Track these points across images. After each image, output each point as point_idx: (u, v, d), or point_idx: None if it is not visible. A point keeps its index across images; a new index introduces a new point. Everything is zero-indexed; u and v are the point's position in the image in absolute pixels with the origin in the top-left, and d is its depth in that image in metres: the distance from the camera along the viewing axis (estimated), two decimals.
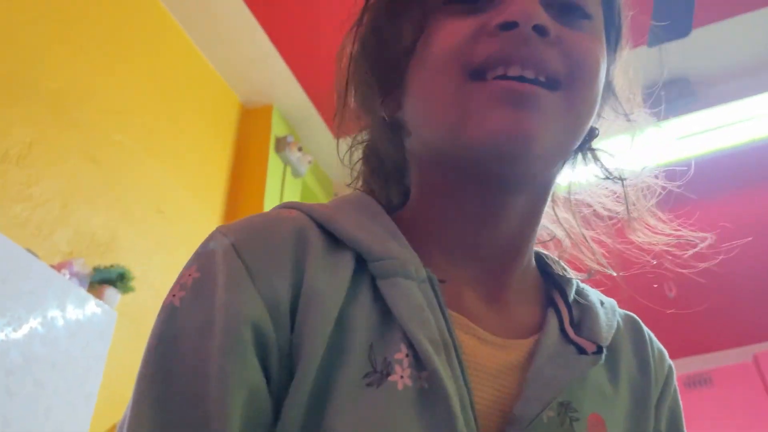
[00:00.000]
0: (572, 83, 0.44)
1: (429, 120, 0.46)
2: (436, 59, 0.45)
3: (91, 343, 1.61)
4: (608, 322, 0.48)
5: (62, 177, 1.91)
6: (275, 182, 2.98)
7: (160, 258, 2.25)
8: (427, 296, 0.42)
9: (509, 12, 0.42)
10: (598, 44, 0.47)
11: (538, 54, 0.42)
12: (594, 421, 0.43)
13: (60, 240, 1.83)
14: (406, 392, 0.38)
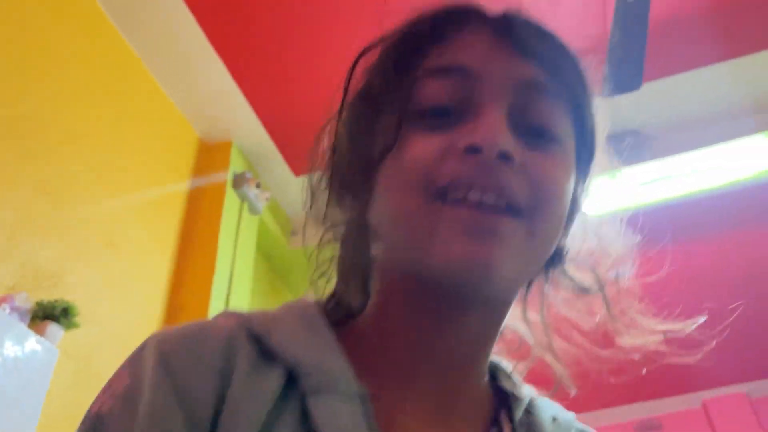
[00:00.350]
0: (535, 211, 0.44)
1: (394, 232, 0.47)
2: (403, 174, 0.45)
3: (30, 381, 1.54)
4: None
5: (11, 207, 1.85)
6: (231, 219, 2.94)
7: (110, 293, 2.19)
8: (355, 416, 0.41)
9: (476, 135, 0.43)
10: (565, 169, 0.47)
11: (500, 181, 0.43)
12: None
13: (3, 273, 1.76)
14: None
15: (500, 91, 0.46)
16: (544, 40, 0.48)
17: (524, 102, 0.46)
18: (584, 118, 0.50)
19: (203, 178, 3.00)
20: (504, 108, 0.45)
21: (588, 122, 0.50)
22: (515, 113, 0.46)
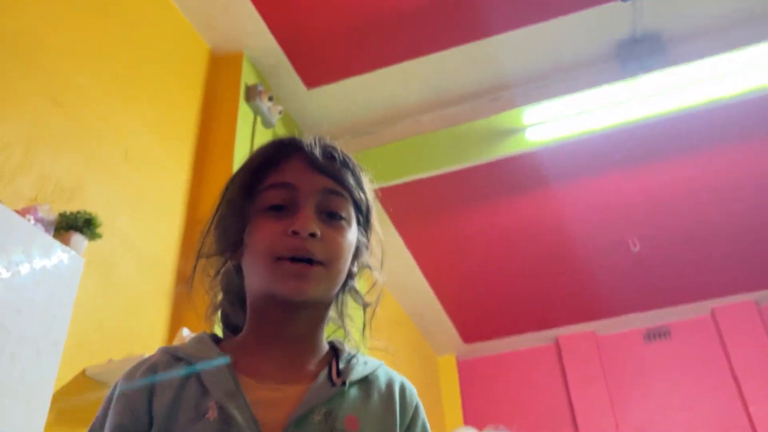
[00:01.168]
0: (329, 261, 0.79)
1: (255, 276, 0.81)
2: (259, 248, 0.80)
3: (57, 290, 1.59)
4: (360, 371, 0.82)
5: (24, 120, 1.85)
6: (245, 132, 2.93)
7: (128, 205, 2.21)
8: (223, 372, 0.76)
9: (296, 225, 0.77)
10: (346, 235, 0.82)
11: (309, 249, 0.77)
12: (349, 419, 0.75)
13: (23, 185, 1.78)
14: (214, 421, 0.71)
15: (310, 196, 0.80)
16: (333, 161, 0.84)
17: (324, 199, 0.81)
18: (358, 201, 0.86)
19: (215, 90, 2.96)
20: (313, 205, 0.80)
21: (361, 204, 0.86)
22: (320, 206, 0.81)
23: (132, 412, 0.75)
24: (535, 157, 3.61)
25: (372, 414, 0.78)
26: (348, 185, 0.84)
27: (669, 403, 5.06)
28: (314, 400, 0.75)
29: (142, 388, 0.76)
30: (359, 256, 0.88)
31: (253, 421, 0.71)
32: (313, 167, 0.82)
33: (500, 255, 4.53)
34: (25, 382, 1.43)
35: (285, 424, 0.72)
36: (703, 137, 3.62)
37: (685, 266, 4.70)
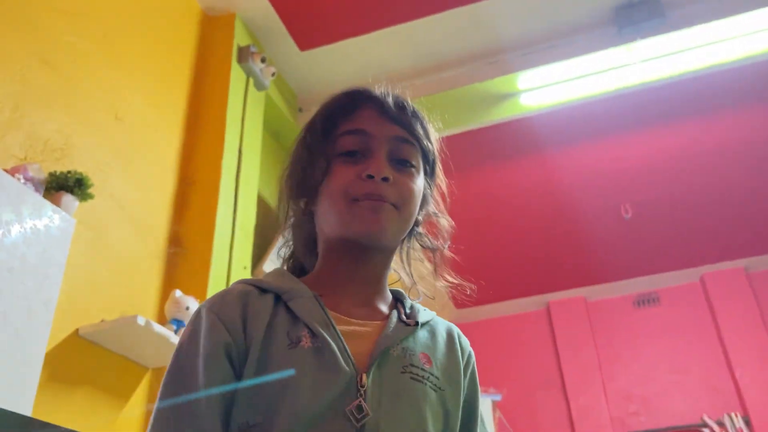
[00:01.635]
0: (401, 205, 0.84)
1: (332, 218, 0.85)
2: (334, 190, 0.83)
3: (48, 250, 1.58)
4: (425, 317, 0.87)
5: (12, 79, 1.82)
6: (238, 94, 2.90)
7: (119, 167, 2.20)
8: (313, 304, 0.80)
9: (370, 169, 0.82)
10: (416, 182, 0.87)
11: (383, 191, 0.82)
12: (423, 355, 0.81)
13: (12, 144, 1.76)
14: (309, 349, 0.75)
15: (383, 143, 0.85)
16: (404, 111, 0.88)
17: (396, 147, 0.86)
18: (426, 152, 0.90)
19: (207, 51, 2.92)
20: (385, 152, 0.85)
21: (429, 154, 0.91)
22: (391, 153, 0.85)
23: (231, 334, 0.76)
24: (530, 122, 3.60)
25: (440, 353, 0.84)
26: (417, 134, 0.88)
27: (657, 368, 5.14)
28: (393, 336, 0.79)
29: (236, 313, 0.78)
30: (426, 203, 0.93)
31: (345, 351, 0.75)
32: (386, 116, 0.87)
33: (493, 220, 4.54)
34: (18, 341, 1.44)
35: (371, 355, 0.76)
36: (698, 104, 3.61)
37: (675, 233, 4.73)
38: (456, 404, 0.82)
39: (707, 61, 3.12)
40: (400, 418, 0.74)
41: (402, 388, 0.76)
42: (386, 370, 0.76)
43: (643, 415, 5.04)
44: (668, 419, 4.95)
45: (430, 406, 0.77)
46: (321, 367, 0.73)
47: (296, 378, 0.72)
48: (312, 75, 3.46)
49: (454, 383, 0.83)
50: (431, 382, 0.79)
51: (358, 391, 0.73)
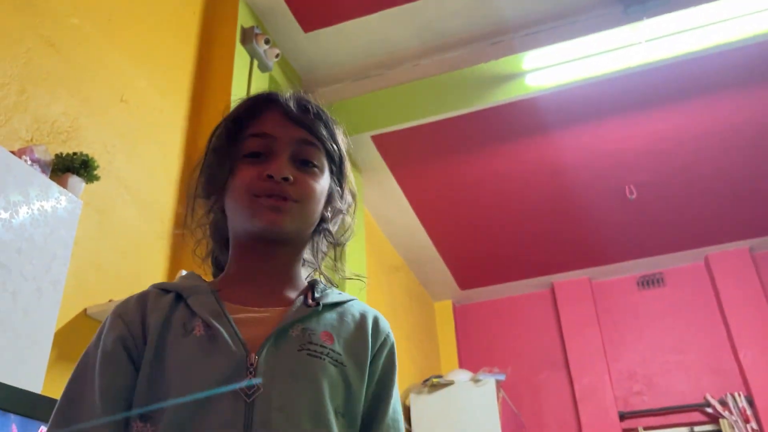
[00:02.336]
0: (302, 200, 0.88)
1: (237, 214, 0.90)
2: (239, 187, 0.88)
3: (56, 231, 1.60)
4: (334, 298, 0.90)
5: (17, 61, 1.83)
6: (242, 76, 2.90)
7: (125, 148, 2.21)
8: (209, 298, 0.85)
9: (271, 169, 0.86)
10: (319, 180, 0.91)
11: (284, 190, 0.86)
12: (324, 333, 0.84)
13: (18, 126, 1.78)
14: (201, 336, 0.80)
15: (286, 145, 0.89)
16: (308, 114, 0.92)
17: (299, 149, 0.90)
18: (331, 152, 0.94)
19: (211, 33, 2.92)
20: (288, 154, 0.89)
21: (334, 153, 0.94)
22: (295, 155, 0.89)
23: (128, 329, 0.83)
24: (535, 102, 3.59)
25: (345, 333, 0.87)
26: (321, 136, 0.92)
27: (660, 348, 5.17)
28: (291, 318, 0.84)
29: (136, 311, 0.85)
30: (332, 201, 0.96)
31: (236, 335, 0.80)
32: (289, 119, 0.91)
33: (497, 202, 4.55)
34: (27, 320, 1.46)
35: (265, 338, 0.80)
36: (703, 83, 3.59)
37: (680, 214, 4.72)
38: (359, 381, 0.85)
39: (713, 41, 3.10)
40: (295, 391, 0.78)
41: (297, 364, 0.80)
42: (283, 349, 0.80)
43: (646, 394, 5.08)
44: (671, 399, 4.98)
45: (328, 379, 0.81)
46: (211, 352, 0.78)
47: (187, 362, 0.78)
48: (316, 56, 3.46)
49: (359, 362, 0.86)
50: (331, 357, 0.82)
51: (247, 369, 0.77)
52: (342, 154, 0.97)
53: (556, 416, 5.21)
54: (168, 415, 0.76)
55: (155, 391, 0.78)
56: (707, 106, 3.75)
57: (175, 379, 0.77)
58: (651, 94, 3.65)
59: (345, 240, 1.00)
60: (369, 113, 3.56)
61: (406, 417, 4.26)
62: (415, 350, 5.00)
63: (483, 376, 4.30)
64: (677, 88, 3.60)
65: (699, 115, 3.81)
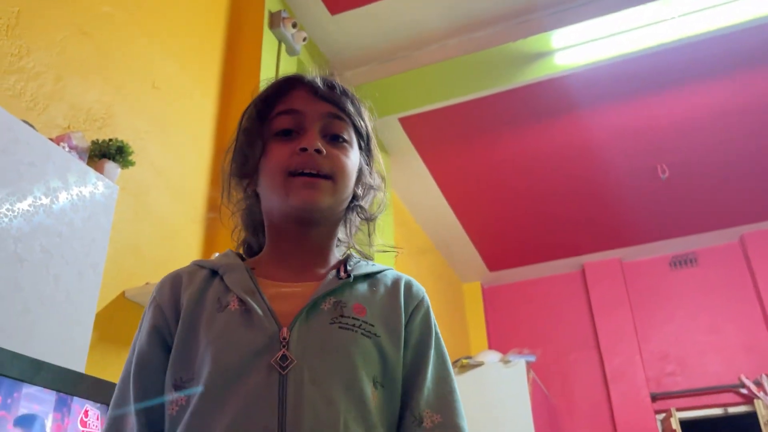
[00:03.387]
0: (335, 176, 0.88)
1: (271, 195, 0.91)
2: (272, 166, 0.89)
3: (94, 216, 1.64)
4: (366, 269, 0.91)
5: (53, 50, 1.87)
6: (270, 60, 2.92)
7: (157, 134, 2.25)
8: (244, 275, 0.87)
9: (303, 143, 0.87)
10: (350, 155, 0.92)
11: (317, 163, 0.87)
12: (356, 306, 0.85)
13: (56, 114, 1.82)
14: (236, 311, 0.82)
15: (314, 120, 0.90)
16: (334, 90, 0.93)
17: (327, 123, 0.91)
18: (359, 127, 0.95)
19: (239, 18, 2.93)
20: (318, 128, 0.90)
21: (362, 129, 0.96)
22: (324, 130, 0.91)
23: (163, 314, 0.86)
24: (564, 81, 3.55)
25: (378, 303, 0.88)
26: (348, 111, 0.94)
27: (693, 328, 5.11)
28: (323, 291, 0.84)
29: (170, 291, 0.88)
30: (362, 177, 0.97)
31: (269, 310, 0.82)
32: (316, 95, 0.92)
33: (526, 182, 4.52)
34: (69, 303, 1.51)
35: (297, 312, 0.82)
36: (737, 59, 3.51)
37: (714, 193, 4.64)
38: (395, 349, 0.85)
39: (747, 15, 3.03)
40: (327, 364, 0.79)
41: (329, 337, 0.81)
42: (314, 323, 0.82)
43: (679, 375, 5.03)
44: (705, 379, 4.94)
45: (361, 351, 0.81)
46: (245, 326, 0.80)
47: (222, 336, 0.80)
48: (343, 39, 3.46)
49: (393, 330, 0.86)
50: (363, 329, 0.83)
51: (280, 343, 0.79)
52: (369, 130, 0.98)
53: (586, 397, 5.20)
54: (202, 385, 0.78)
55: (189, 362, 0.81)
56: (741, 82, 3.67)
57: (209, 351, 0.79)
58: (683, 71, 3.58)
59: (377, 215, 1.01)
60: (396, 95, 3.55)
61: None
62: (444, 331, 4.99)
63: (513, 357, 4.30)
64: (710, 64, 3.52)
65: (733, 91, 3.73)
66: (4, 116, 1.43)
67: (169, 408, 0.80)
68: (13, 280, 1.36)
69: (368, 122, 0.98)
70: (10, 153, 1.42)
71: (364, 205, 0.98)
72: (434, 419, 0.83)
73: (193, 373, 0.80)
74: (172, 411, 0.79)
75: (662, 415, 4.92)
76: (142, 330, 0.87)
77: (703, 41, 3.21)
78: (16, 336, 1.34)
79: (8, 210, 1.38)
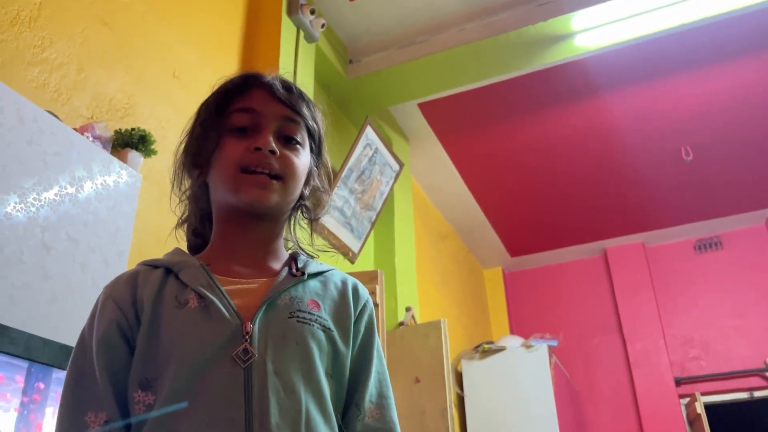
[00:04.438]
0: (285, 177, 0.92)
1: (222, 188, 0.93)
2: (226, 161, 0.92)
3: (118, 205, 1.67)
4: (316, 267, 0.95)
5: (75, 40, 1.89)
6: (289, 47, 2.92)
7: (179, 123, 2.25)
8: (200, 271, 0.88)
9: (258, 142, 0.91)
10: (301, 156, 0.95)
11: (270, 163, 0.91)
12: (311, 302, 0.89)
13: (79, 104, 1.84)
14: (196, 308, 0.83)
15: (270, 120, 0.94)
16: (292, 93, 0.97)
17: (282, 125, 0.95)
18: (311, 130, 0.99)
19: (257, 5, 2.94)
20: (273, 129, 0.93)
21: (314, 132, 1.00)
22: (278, 131, 0.94)
23: (120, 309, 0.86)
24: (585, 64, 3.51)
25: (330, 300, 0.93)
26: (303, 114, 0.97)
27: (718, 313, 5.06)
28: (280, 287, 0.88)
29: (126, 290, 0.88)
30: (311, 179, 1.01)
31: (230, 305, 0.85)
32: (274, 97, 0.95)
33: (547, 166, 4.49)
34: (96, 291, 1.53)
35: (257, 306, 0.85)
36: (761, 39, 3.44)
37: (739, 175, 4.57)
38: (345, 345, 0.90)
39: None
40: (288, 356, 0.82)
41: (289, 330, 0.84)
42: (273, 317, 0.84)
43: (703, 359, 5.00)
44: (730, 364, 4.89)
45: (317, 344, 0.86)
46: (207, 321, 0.82)
47: (184, 332, 0.82)
48: (361, 25, 3.44)
49: (344, 327, 0.91)
50: (319, 323, 0.87)
51: (243, 337, 0.81)
52: (321, 133, 1.02)
53: (609, 382, 5.18)
54: (168, 382, 0.79)
55: (153, 361, 0.82)
56: (766, 61, 3.60)
57: (172, 348, 0.81)
58: (707, 51, 3.52)
59: (321, 215, 1.05)
60: (415, 81, 3.53)
61: (458, 382, 4.30)
62: (465, 317, 5.02)
63: (535, 342, 4.30)
64: (735, 43, 3.46)
65: (758, 71, 3.66)
66: (30, 107, 1.45)
67: (136, 408, 0.80)
68: (41, 268, 1.39)
69: (321, 125, 1.02)
70: (36, 143, 1.44)
71: (309, 206, 1.01)
72: (374, 414, 0.90)
73: (158, 372, 0.81)
74: (139, 411, 0.80)
75: (686, 400, 4.89)
76: (99, 326, 0.85)
77: (726, 20, 3.15)
78: (46, 323, 1.37)
79: (35, 199, 1.41)
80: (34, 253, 1.38)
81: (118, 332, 0.84)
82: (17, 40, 1.69)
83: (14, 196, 1.36)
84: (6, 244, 1.32)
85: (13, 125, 1.39)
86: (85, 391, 0.82)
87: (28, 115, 1.43)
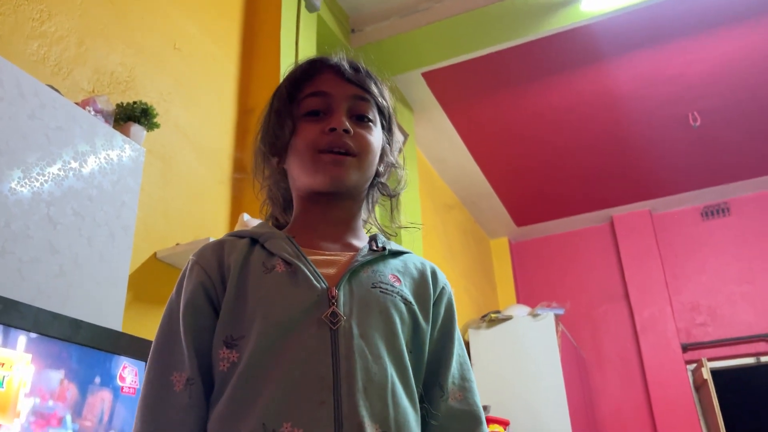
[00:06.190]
0: (361, 154, 0.94)
1: (301, 171, 0.96)
2: (303, 145, 0.95)
3: (122, 179, 1.66)
4: (396, 247, 0.98)
5: (74, 14, 1.87)
6: (290, 16, 2.88)
7: (180, 96, 2.25)
8: (286, 242, 0.91)
9: (332, 123, 0.93)
10: (374, 134, 0.97)
11: (345, 142, 0.93)
12: (393, 276, 0.91)
13: (80, 78, 1.83)
14: (282, 273, 0.86)
15: (342, 101, 0.96)
16: (359, 73, 0.99)
17: (353, 104, 0.97)
18: (381, 107, 1.01)
19: None
20: (344, 109, 0.95)
21: (384, 109, 1.01)
22: (350, 111, 0.96)
23: (207, 273, 0.89)
24: (591, 29, 3.45)
25: (410, 278, 0.95)
26: (372, 92, 0.99)
27: (725, 279, 5.06)
28: (362, 260, 0.91)
29: (213, 255, 0.91)
30: (384, 156, 1.03)
31: (316, 272, 0.87)
32: (343, 78, 0.98)
33: (553, 135, 4.45)
34: (103, 264, 1.54)
35: (340, 276, 0.88)
36: None
37: (748, 140, 4.53)
38: (426, 321, 0.92)
39: None
40: (372, 323, 0.84)
41: (372, 299, 0.86)
42: (356, 286, 0.87)
43: (710, 326, 5.01)
44: (736, 330, 4.90)
45: (399, 315, 0.87)
46: (294, 285, 0.85)
47: (271, 294, 0.84)
48: None
49: (424, 304, 0.93)
50: (400, 296, 0.89)
51: (329, 301, 0.84)
52: (390, 110, 1.04)
53: (616, 349, 5.21)
54: (253, 340, 0.81)
55: (239, 321, 0.84)
56: None
57: (258, 308, 0.83)
58: (716, 14, 3.45)
59: (399, 191, 1.07)
60: (418, 50, 3.49)
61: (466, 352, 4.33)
62: (472, 287, 5.04)
63: (542, 311, 4.31)
64: (744, 6, 3.39)
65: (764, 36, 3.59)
66: (31, 82, 1.44)
67: (220, 364, 0.83)
68: (48, 242, 1.39)
69: (390, 102, 1.04)
70: (38, 118, 1.43)
71: (385, 182, 1.03)
72: (457, 396, 0.91)
73: (243, 331, 0.83)
74: (224, 367, 0.82)
75: (693, 366, 4.91)
76: (186, 289, 0.89)
77: None
78: (55, 297, 1.37)
79: (39, 174, 1.40)
80: (41, 227, 1.38)
81: (204, 295, 0.87)
82: (15, 13, 1.67)
83: (18, 171, 1.36)
84: (12, 220, 1.32)
85: (13, 99, 1.38)
86: (171, 353, 0.85)
87: (28, 90, 1.42)
